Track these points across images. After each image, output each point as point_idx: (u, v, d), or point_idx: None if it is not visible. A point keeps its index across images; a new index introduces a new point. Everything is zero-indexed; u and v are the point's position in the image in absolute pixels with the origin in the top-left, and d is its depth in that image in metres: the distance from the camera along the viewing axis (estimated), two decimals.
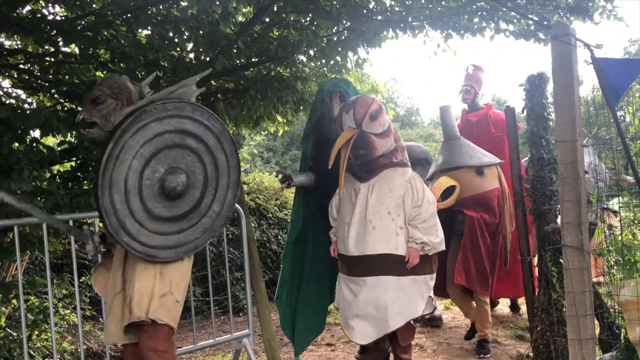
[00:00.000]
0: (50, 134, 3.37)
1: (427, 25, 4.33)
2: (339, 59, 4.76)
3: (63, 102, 4.28)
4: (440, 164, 4.27)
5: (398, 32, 4.44)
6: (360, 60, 5.02)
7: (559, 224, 2.68)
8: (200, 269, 5.67)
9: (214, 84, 4.96)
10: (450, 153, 4.26)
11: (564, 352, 3.17)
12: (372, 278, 3.14)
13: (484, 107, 5.36)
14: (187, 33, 3.96)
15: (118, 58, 3.75)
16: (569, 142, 2.30)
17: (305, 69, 5.08)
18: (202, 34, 3.85)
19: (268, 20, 4.49)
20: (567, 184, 2.30)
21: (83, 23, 3.85)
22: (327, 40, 4.60)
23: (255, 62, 4.56)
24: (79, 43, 3.73)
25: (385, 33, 4.52)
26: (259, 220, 7.27)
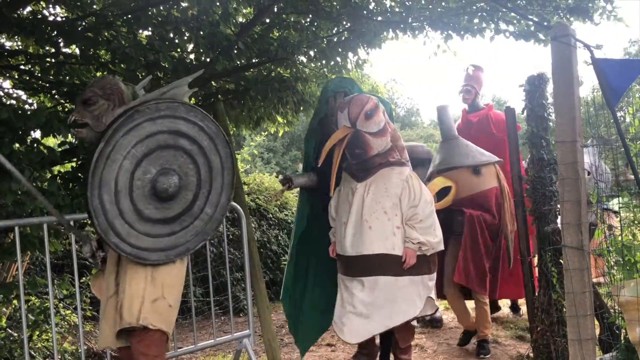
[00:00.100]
0: (51, 135, 3.37)
1: (427, 26, 4.33)
2: (339, 60, 4.77)
3: (64, 102, 4.28)
4: (437, 165, 4.26)
5: (398, 32, 4.45)
6: (361, 61, 5.03)
7: (559, 225, 2.68)
8: (201, 270, 5.68)
9: (215, 85, 4.96)
10: (447, 153, 4.24)
11: (564, 352, 3.17)
12: (368, 278, 3.12)
13: (484, 107, 5.37)
14: (187, 34, 3.97)
15: (119, 59, 3.76)
16: (569, 142, 2.30)
17: (306, 70, 5.09)
18: (202, 35, 3.86)
19: (268, 21, 4.49)
20: (567, 185, 2.30)
21: (84, 24, 3.86)
22: (327, 41, 4.61)
23: (256, 62, 4.56)
24: (80, 44, 3.74)
25: (385, 34, 4.52)
26: (259, 221, 7.28)
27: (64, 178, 3.75)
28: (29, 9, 4.06)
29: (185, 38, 4.02)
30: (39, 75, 4.20)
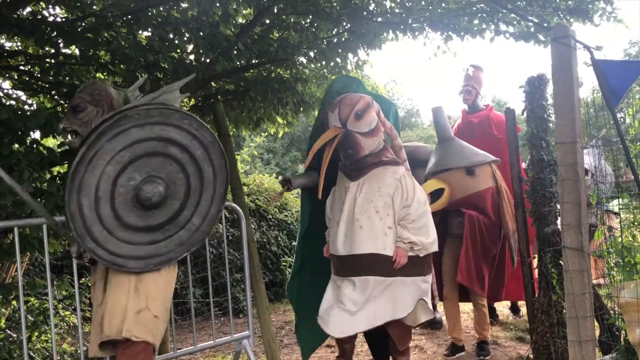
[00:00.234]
0: (51, 136, 3.37)
1: (427, 27, 4.33)
2: (339, 61, 4.77)
3: (63, 103, 4.28)
4: (432, 167, 4.24)
5: (398, 33, 4.44)
6: (360, 62, 5.03)
7: (559, 226, 2.68)
8: (200, 271, 5.69)
9: (214, 86, 4.97)
10: (442, 155, 4.22)
11: (564, 353, 3.17)
12: (359, 278, 3.07)
13: (484, 108, 5.37)
14: (187, 35, 3.96)
15: (118, 59, 3.75)
16: (569, 143, 2.30)
17: (306, 71, 5.09)
18: (202, 36, 3.85)
19: (268, 22, 4.49)
20: (567, 186, 2.30)
21: (83, 24, 3.86)
22: (327, 42, 4.60)
23: (256, 63, 4.56)
24: (80, 44, 3.73)
25: (385, 35, 4.52)
26: (259, 222, 7.29)
27: (64, 179, 3.75)
28: (29, 10, 4.06)
29: (185, 39, 4.02)
30: (39, 76, 4.20)
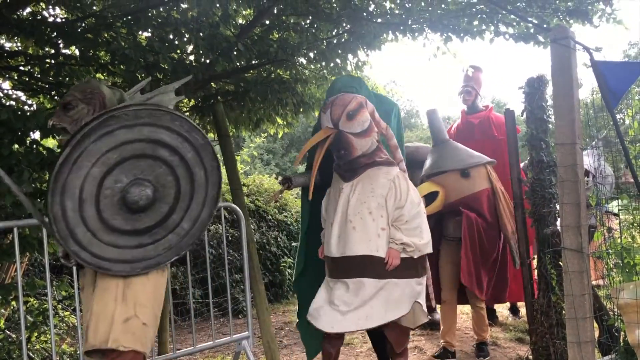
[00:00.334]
0: (51, 136, 3.37)
1: (426, 28, 4.32)
2: (339, 62, 4.76)
3: None
4: (426, 169, 4.22)
5: (398, 34, 4.44)
6: (360, 63, 5.02)
7: (559, 227, 2.68)
8: (200, 271, 5.69)
9: (214, 86, 4.97)
10: (437, 157, 4.20)
11: (564, 354, 3.18)
12: (353, 280, 3.04)
13: (484, 109, 5.38)
14: (187, 35, 3.96)
15: (118, 60, 3.76)
16: (569, 144, 2.30)
17: (305, 71, 5.09)
18: (202, 36, 3.85)
19: (268, 23, 4.49)
20: (566, 187, 2.30)
21: (83, 25, 3.86)
22: (327, 43, 4.60)
23: (255, 64, 4.56)
24: (79, 45, 3.73)
25: (385, 36, 4.52)
26: (259, 222, 7.29)
27: None
28: (29, 10, 4.06)
29: (185, 39, 4.02)
30: (39, 77, 4.20)
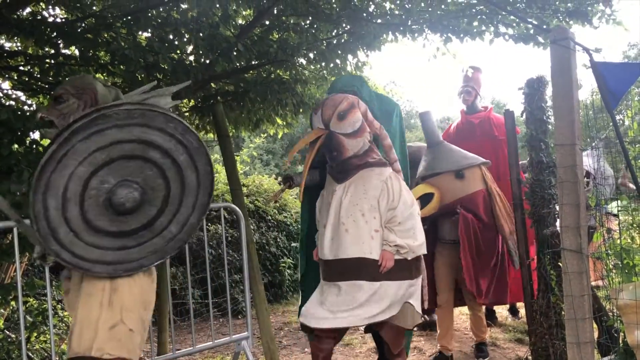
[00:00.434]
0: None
1: (426, 29, 4.33)
2: (339, 62, 4.77)
3: None
4: (421, 171, 4.20)
5: (398, 35, 4.44)
6: (360, 63, 5.03)
7: (558, 228, 2.68)
8: (199, 271, 5.68)
9: (214, 87, 4.97)
10: (431, 159, 4.18)
11: (563, 355, 3.18)
12: (346, 282, 3.01)
13: (483, 109, 5.39)
14: (187, 35, 3.96)
15: (118, 60, 3.75)
16: (568, 145, 2.31)
17: (305, 72, 5.09)
18: (202, 37, 3.85)
19: (268, 23, 4.49)
20: (566, 188, 2.31)
21: (83, 25, 3.86)
22: (327, 43, 4.61)
23: (255, 64, 4.57)
24: (79, 45, 3.73)
25: (385, 36, 4.52)
26: (258, 223, 7.29)
27: None
28: (29, 10, 4.06)
29: (185, 40, 4.02)
30: (39, 77, 4.20)
